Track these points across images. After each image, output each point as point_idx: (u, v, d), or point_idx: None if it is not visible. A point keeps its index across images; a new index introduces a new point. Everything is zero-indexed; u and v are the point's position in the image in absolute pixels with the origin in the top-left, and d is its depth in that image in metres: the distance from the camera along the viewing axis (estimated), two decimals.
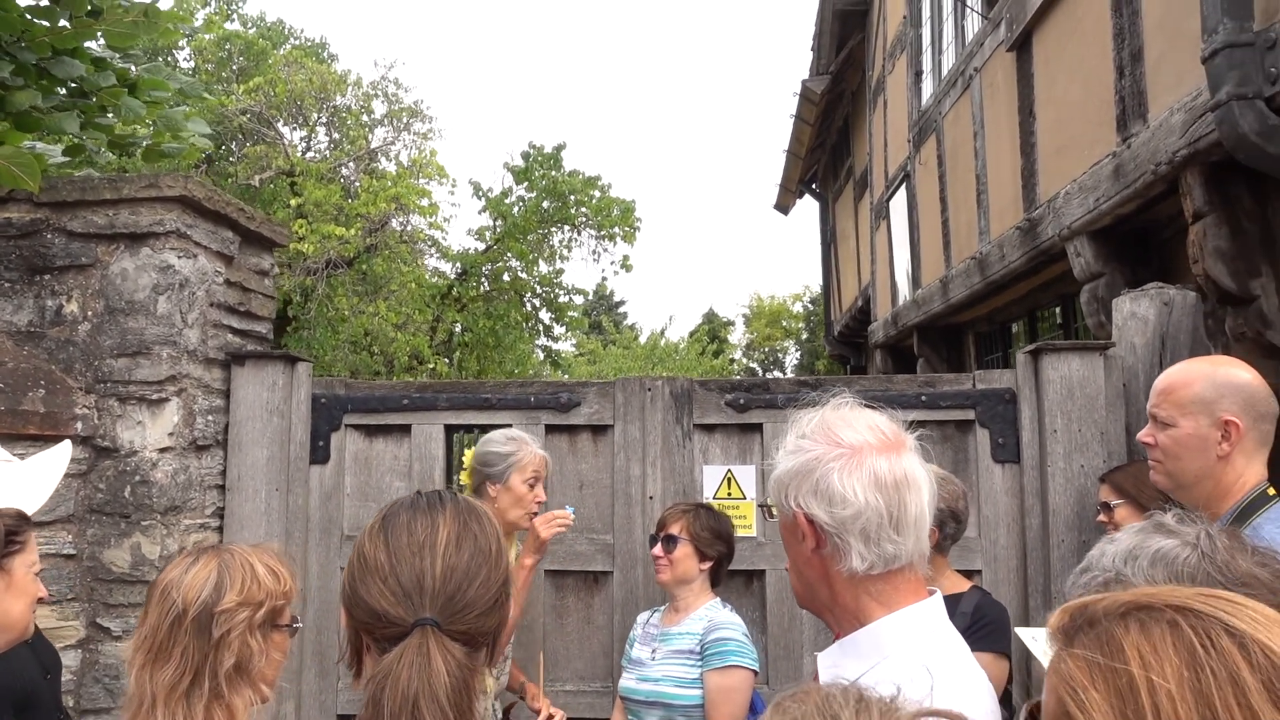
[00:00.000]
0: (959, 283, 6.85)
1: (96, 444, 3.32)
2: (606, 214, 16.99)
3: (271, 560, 1.80)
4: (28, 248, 3.39)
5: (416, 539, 1.31)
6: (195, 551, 1.78)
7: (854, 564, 1.41)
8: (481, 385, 3.80)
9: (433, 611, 1.25)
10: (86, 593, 3.27)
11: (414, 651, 1.20)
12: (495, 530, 1.39)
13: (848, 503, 1.41)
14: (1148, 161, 3.96)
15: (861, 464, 1.42)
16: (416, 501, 1.38)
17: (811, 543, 1.45)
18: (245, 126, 16.14)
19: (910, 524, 1.42)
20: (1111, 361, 3.47)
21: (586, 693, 3.60)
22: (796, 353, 31.99)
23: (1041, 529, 3.45)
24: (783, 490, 1.49)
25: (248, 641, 1.71)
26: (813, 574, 1.49)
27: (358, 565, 1.32)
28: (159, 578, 1.76)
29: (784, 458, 1.51)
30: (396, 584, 1.27)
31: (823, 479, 1.43)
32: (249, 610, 1.72)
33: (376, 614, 1.26)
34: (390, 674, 1.18)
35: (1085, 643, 0.93)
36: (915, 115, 8.22)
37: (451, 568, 1.29)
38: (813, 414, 1.51)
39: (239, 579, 1.72)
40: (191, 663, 1.65)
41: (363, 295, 15.57)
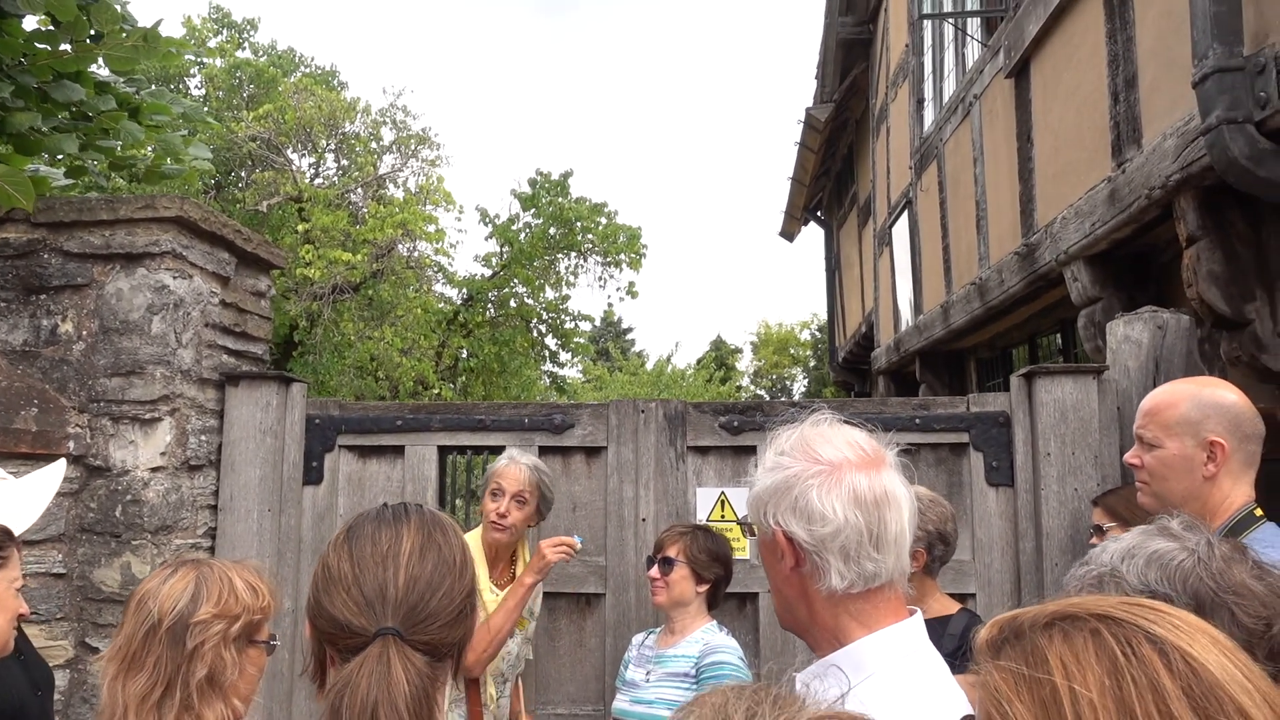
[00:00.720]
0: (959, 308, 6.85)
1: (88, 463, 3.32)
2: (613, 240, 17.06)
3: (251, 576, 1.80)
4: (24, 267, 3.41)
5: (380, 549, 1.30)
6: (175, 563, 1.78)
7: (833, 582, 1.39)
8: (475, 407, 3.80)
9: (395, 621, 1.24)
10: (76, 612, 3.27)
11: (374, 660, 1.19)
12: (461, 542, 1.38)
13: (827, 520, 1.38)
14: (1142, 186, 3.97)
15: (840, 481, 1.40)
16: (382, 513, 1.38)
17: (790, 561, 1.43)
18: (254, 153, 16.28)
19: (890, 542, 1.39)
20: (1105, 385, 3.47)
21: (579, 716, 3.58)
22: (804, 380, 31.94)
23: (1035, 552, 3.43)
24: (761, 508, 1.46)
25: (221, 654, 1.70)
26: (791, 592, 1.46)
27: (321, 576, 1.32)
28: (137, 588, 1.76)
29: (763, 475, 1.48)
30: (360, 594, 1.26)
31: (801, 496, 1.40)
32: (224, 623, 1.71)
33: (339, 624, 1.26)
34: (350, 683, 1.18)
35: (1011, 654, 0.93)
36: (917, 142, 8.25)
37: (414, 578, 1.28)
38: (791, 430, 1.48)
39: (216, 591, 1.72)
40: (164, 673, 1.65)
41: (369, 321, 15.63)
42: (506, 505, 3.15)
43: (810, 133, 11.87)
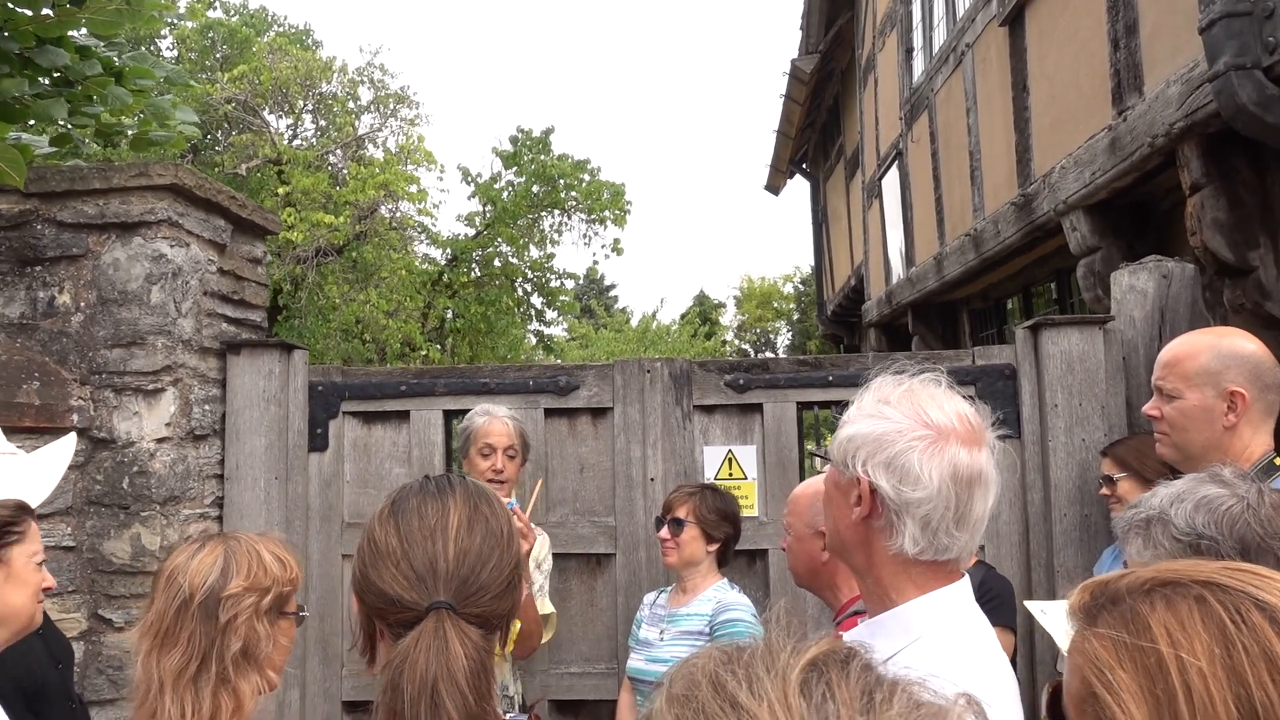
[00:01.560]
0: (953, 260, 6.85)
1: (93, 435, 3.29)
2: (596, 197, 16.94)
3: (277, 548, 1.79)
4: (17, 239, 3.35)
5: (428, 523, 1.29)
6: (201, 539, 1.77)
7: (904, 545, 1.37)
8: (479, 370, 3.78)
9: (447, 595, 1.23)
10: (87, 584, 3.25)
11: (430, 635, 1.19)
12: (506, 513, 1.37)
13: (920, 485, 1.35)
14: (1144, 134, 3.95)
15: (945, 450, 1.36)
16: (426, 486, 1.36)
17: (864, 511, 1.40)
18: (230, 115, 16.03)
19: (972, 522, 1.38)
20: (1111, 335, 3.47)
21: (592, 674, 3.60)
22: (788, 333, 32.00)
23: (1043, 504, 3.46)
24: (852, 452, 1.42)
25: (254, 627, 1.70)
26: (852, 538, 1.45)
27: (369, 551, 1.30)
28: (165, 564, 1.74)
29: (860, 418, 1.43)
30: (409, 568, 1.25)
31: (901, 454, 1.37)
32: (255, 596, 1.70)
33: (390, 599, 1.25)
34: (408, 658, 1.17)
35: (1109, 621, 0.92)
36: (907, 93, 8.19)
37: (464, 551, 1.27)
38: (898, 381, 1.44)
39: (245, 565, 1.71)
40: (199, 648, 1.64)
41: (353, 283, 15.51)
42: (500, 460, 3.15)
43: (795, 85, 11.76)
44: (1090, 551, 3.35)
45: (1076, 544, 3.40)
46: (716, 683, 0.66)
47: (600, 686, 3.56)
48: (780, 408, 3.65)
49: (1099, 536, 3.36)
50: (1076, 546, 3.39)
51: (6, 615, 1.90)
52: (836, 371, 3.65)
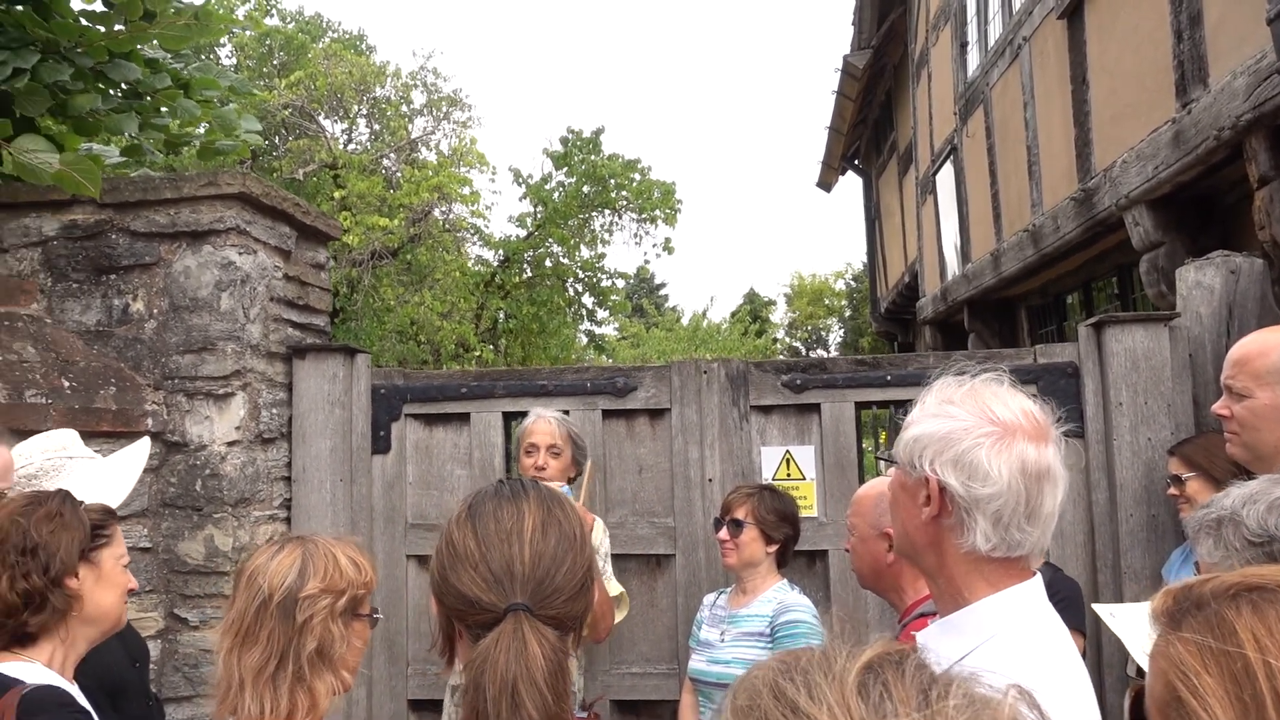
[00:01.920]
0: (1011, 256, 6.76)
1: (167, 439, 3.38)
2: (647, 197, 16.94)
3: (353, 551, 1.83)
4: (93, 249, 3.45)
5: (504, 526, 1.32)
6: (280, 540, 1.82)
7: (977, 542, 1.37)
8: (538, 372, 3.82)
9: (523, 597, 1.26)
10: (163, 584, 3.35)
11: (510, 636, 1.21)
12: (578, 517, 1.40)
13: (989, 481, 1.36)
14: (1209, 127, 3.87)
15: (1012, 446, 1.37)
16: (501, 490, 1.39)
17: (934, 510, 1.41)
18: (287, 121, 16.31)
19: (1042, 518, 1.38)
20: (1177, 332, 3.41)
21: (653, 675, 3.62)
22: (840, 330, 31.73)
23: (1108, 503, 3.41)
24: (919, 451, 1.43)
25: (329, 627, 1.74)
26: (922, 539, 1.45)
27: (447, 553, 1.33)
28: (245, 564, 1.79)
29: (925, 418, 1.45)
30: (487, 570, 1.28)
31: (969, 451, 1.37)
32: (331, 597, 1.75)
33: (469, 600, 1.28)
34: (488, 658, 1.20)
35: (1194, 626, 0.91)
36: (961, 87, 8.10)
37: (539, 554, 1.30)
38: (960, 381, 1.45)
39: (322, 566, 1.76)
40: (277, 646, 1.69)
41: (407, 285, 15.70)
42: (543, 458, 3.25)
43: (848, 81, 11.68)
44: (1158, 553, 3.30)
45: (1143, 545, 3.35)
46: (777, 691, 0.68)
47: (661, 687, 3.58)
48: (838, 408, 3.65)
49: (1167, 537, 3.31)
50: (1144, 547, 3.35)
51: (96, 615, 1.97)
52: (895, 371, 3.63)
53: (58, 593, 1.89)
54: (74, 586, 1.91)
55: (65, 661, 1.93)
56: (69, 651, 1.94)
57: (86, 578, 1.95)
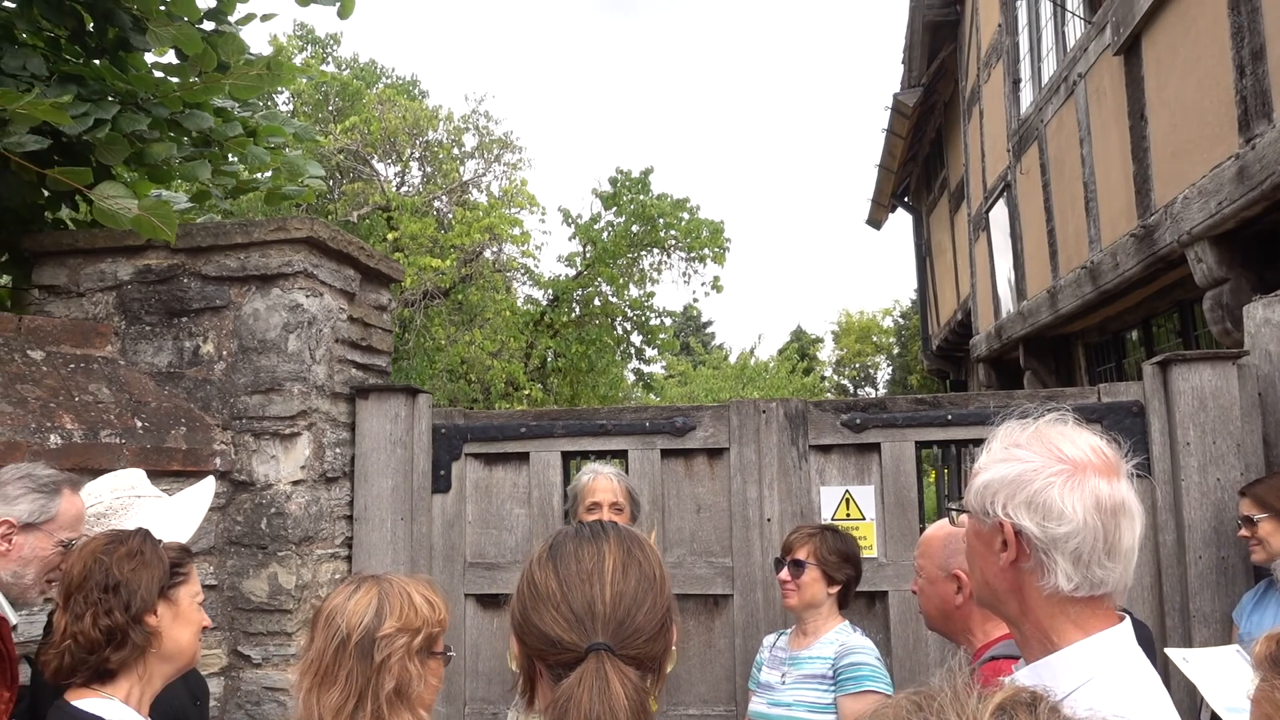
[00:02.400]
0: (1069, 292, 6.68)
1: (234, 478, 3.45)
2: (696, 235, 17.03)
3: (427, 590, 1.85)
4: (165, 292, 3.55)
5: (585, 567, 1.33)
6: (356, 580, 1.84)
7: (1059, 583, 1.36)
8: (596, 412, 3.84)
9: (605, 636, 1.27)
10: (228, 621, 3.40)
11: (592, 675, 1.22)
12: (657, 557, 1.41)
13: (1065, 519, 1.35)
14: (1275, 162, 3.82)
15: (1084, 483, 1.37)
16: (581, 530, 1.40)
17: (1012, 555, 1.40)
18: (342, 165, 16.67)
19: (1122, 553, 1.37)
20: (1245, 370, 3.35)
21: (710, 716, 3.60)
22: (888, 368, 31.47)
23: (1176, 545, 3.34)
24: (990, 497, 1.43)
25: (407, 666, 1.75)
26: (1003, 585, 1.44)
27: (529, 593, 1.34)
28: (323, 605, 1.82)
29: (992, 464, 1.45)
30: (569, 610, 1.29)
31: (1041, 492, 1.37)
32: (407, 636, 1.77)
33: (550, 640, 1.29)
34: (572, 698, 1.20)
35: None
36: (1014, 124, 8.07)
37: (620, 594, 1.31)
38: (1024, 424, 1.46)
39: (398, 606, 1.78)
40: (356, 686, 1.71)
41: (459, 324, 15.88)
42: (607, 515, 3.19)
43: (898, 119, 11.69)
44: (1229, 596, 3.22)
45: (1213, 587, 3.27)
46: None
47: None
48: (899, 447, 3.62)
49: (1237, 580, 3.24)
50: (1213, 590, 3.27)
51: (174, 652, 2.00)
52: (955, 410, 3.61)
53: (138, 629, 1.92)
54: (153, 623, 1.95)
55: (143, 698, 1.96)
56: (146, 688, 1.98)
57: (165, 615, 1.98)
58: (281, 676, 3.35)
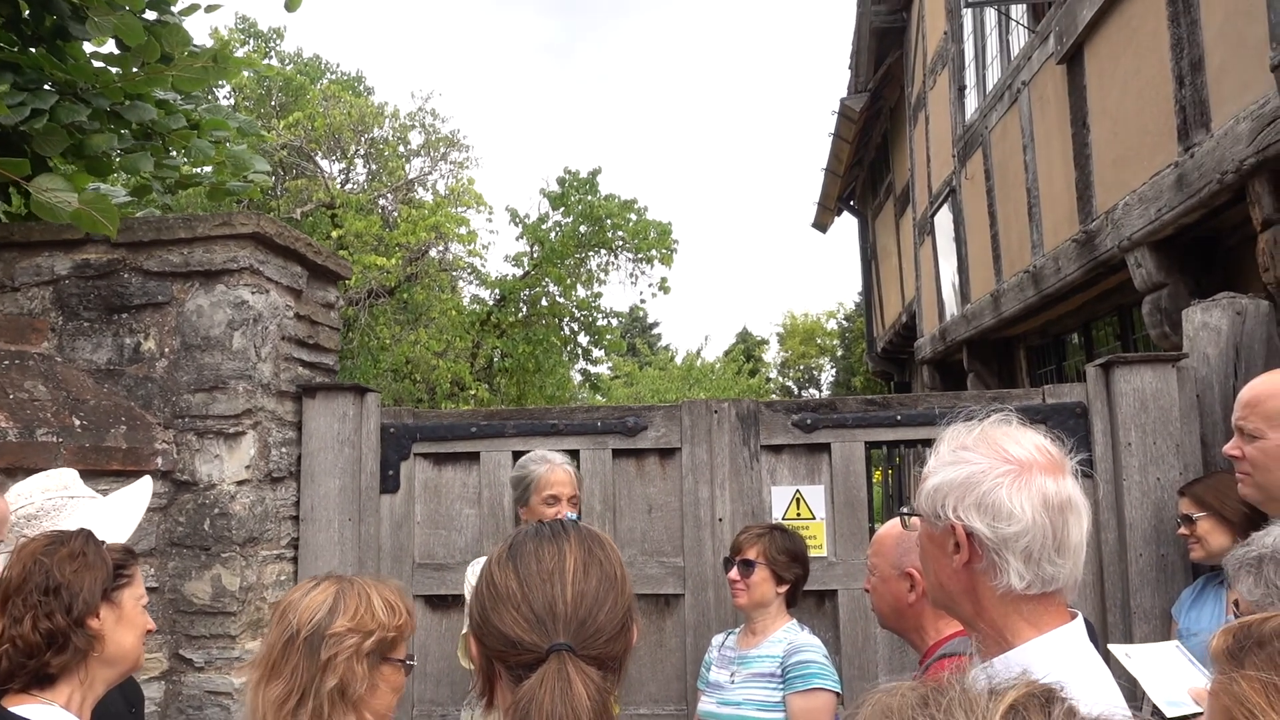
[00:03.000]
0: (1011, 296, 6.80)
1: (176, 478, 3.37)
2: (643, 236, 17.03)
3: (391, 595, 1.82)
4: (105, 288, 3.46)
5: (545, 566, 1.32)
6: (321, 577, 1.81)
7: (1012, 582, 1.38)
8: (548, 412, 3.82)
9: (566, 637, 1.25)
10: (169, 625, 3.32)
11: (554, 676, 1.21)
12: (618, 557, 1.40)
13: (1014, 519, 1.38)
14: (1213, 170, 3.93)
15: (1031, 482, 1.39)
16: (541, 530, 1.39)
17: (964, 556, 1.42)
18: (286, 161, 16.41)
19: (1071, 548, 1.40)
20: (1184, 373, 3.44)
21: (661, 715, 3.59)
22: (832, 370, 31.80)
23: (1118, 543, 3.41)
24: (940, 500, 1.45)
25: (352, 667, 1.72)
26: (956, 587, 1.46)
27: (488, 594, 1.33)
28: (282, 599, 1.79)
29: (941, 467, 1.47)
30: (529, 611, 1.28)
31: (990, 493, 1.40)
32: (358, 637, 1.73)
33: (510, 641, 1.27)
34: (534, 699, 1.19)
35: (1258, 663, 0.92)
36: (960, 130, 8.19)
37: (581, 594, 1.29)
38: (970, 426, 1.48)
39: (353, 606, 1.74)
40: (300, 682, 1.68)
41: (403, 324, 15.73)
42: (565, 509, 3.18)
43: (844, 123, 11.81)
44: (1168, 593, 3.30)
45: (1153, 585, 3.34)
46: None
47: None
48: (848, 447, 3.65)
49: (1176, 577, 3.31)
50: (1154, 587, 3.34)
51: (117, 657, 1.94)
52: (905, 410, 3.65)
53: (80, 633, 1.86)
54: (96, 627, 1.89)
55: (83, 704, 1.90)
56: (87, 693, 1.92)
57: (108, 618, 1.92)
58: (225, 680, 3.27)
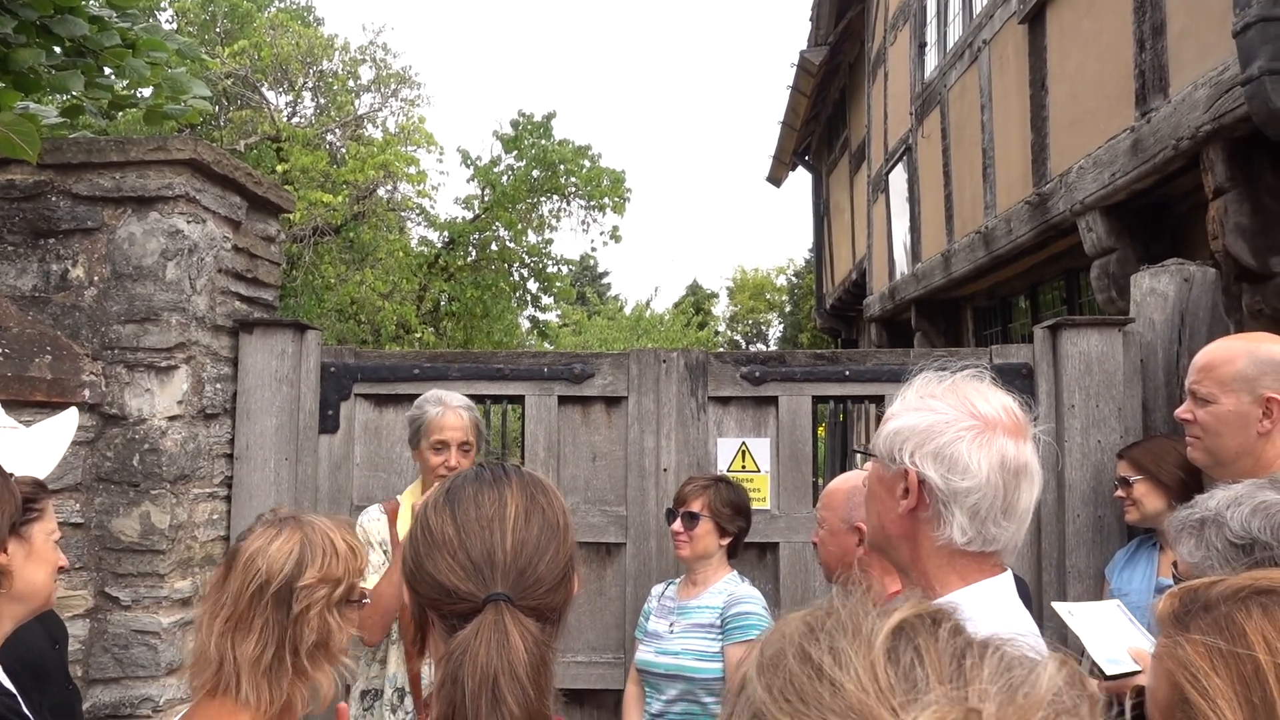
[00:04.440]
0: (962, 257, 6.83)
1: (104, 411, 3.25)
2: (596, 184, 16.86)
3: (350, 536, 1.76)
4: (31, 210, 3.30)
5: (485, 513, 1.26)
6: (277, 522, 1.72)
7: (953, 535, 1.38)
8: (494, 355, 3.75)
9: (504, 587, 1.20)
10: (95, 562, 3.22)
11: (490, 628, 1.16)
12: (561, 504, 1.34)
13: (969, 474, 1.36)
14: (1168, 136, 3.93)
15: (992, 440, 1.38)
16: (481, 474, 1.33)
17: (911, 503, 1.41)
18: (230, 90, 15.90)
19: (1018, 514, 1.39)
20: (1130, 337, 3.46)
21: (599, 664, 3.58)
22: (780, 325, 32.00)
23: (1056, 504, 3.45)
24: (899, 444, 1.43)
25: (327, 620, 1.67)
26: (897, 531, 1.46)
27: (422, 539, 1.27)
28: (242, 545, 1.70)
29: (905, 411, 1.45)
30: (466, 558, 1.22)
31: (950, 444, 1.38)
32: (328, 588, 1.68)
33: (445, 589, 1.22)
34: (468, 650, 1.14)
35: (1202, 627, 0.91)
36: (919, 88, 8.16)
37: (522, 542, 1.24)
38: (941, 376, 1.47)
39: (320, 555, 1.68)
40: (273, 637, 1.62)
41: (349, 263, 15.43)
42: (455, 457, 3.00)
43: (803, 76, 11.72)
44: (1103, 553, 3.35)
45: (1089, 545, 3.39)
46: (802, 653, 0.64)
47: (607, 676, 3.54)
48: (796, 401, 3.64)
49: (1112, 538, 3.36)
50: (1089, 548, 3.39)
51: (26, 593, 1.87)
52: (853, 366, 3.63)
53: None
54: (3, 562, 1.81)
55: None
56: None
57: (16, 553, 1.84)
58: (152, 619, 3.19)
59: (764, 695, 0.61)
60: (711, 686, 2.91)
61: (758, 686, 0.63)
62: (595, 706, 3.58)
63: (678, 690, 2.95)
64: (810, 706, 0.58)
